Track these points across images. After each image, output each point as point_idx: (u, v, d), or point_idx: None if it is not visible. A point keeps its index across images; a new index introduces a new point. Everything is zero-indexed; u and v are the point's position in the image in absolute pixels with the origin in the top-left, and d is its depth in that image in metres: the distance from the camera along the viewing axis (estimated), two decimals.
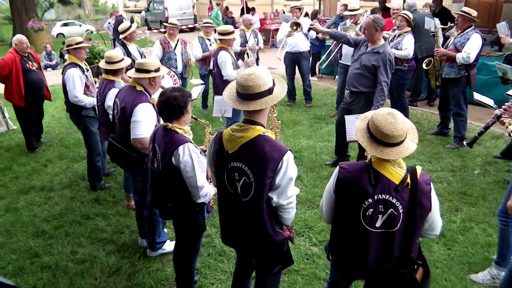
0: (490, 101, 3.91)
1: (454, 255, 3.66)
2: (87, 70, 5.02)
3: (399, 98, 6.66)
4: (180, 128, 2.80)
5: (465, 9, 5.68)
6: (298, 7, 7.87)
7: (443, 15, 8.10)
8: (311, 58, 9.83)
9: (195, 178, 2.72)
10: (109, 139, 3.58)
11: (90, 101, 4.79)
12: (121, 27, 6.11)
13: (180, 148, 2.70)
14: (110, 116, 3.89)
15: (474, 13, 5.54)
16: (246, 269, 2.86)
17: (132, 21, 23.84)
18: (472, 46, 5.45)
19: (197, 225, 2.93)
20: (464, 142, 3.43)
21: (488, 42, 8.01)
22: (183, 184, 2.78)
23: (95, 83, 5.01)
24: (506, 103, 3.02)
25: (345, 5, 9.07)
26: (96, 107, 4.59)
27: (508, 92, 4.13)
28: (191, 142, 2.78)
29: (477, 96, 4.07)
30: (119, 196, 4.97)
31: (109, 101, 3.97)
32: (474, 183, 4.84)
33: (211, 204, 3.13)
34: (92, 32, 16.43)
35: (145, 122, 3.31)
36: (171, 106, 2.73)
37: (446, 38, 6.52)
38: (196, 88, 5.03)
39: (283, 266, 2.58)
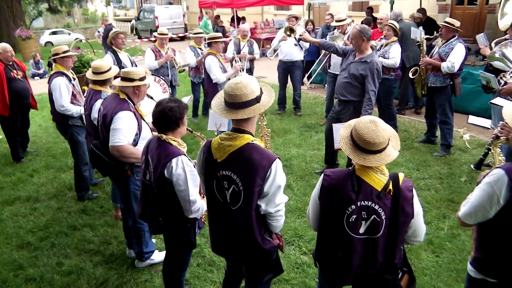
0: (486, 123, 3.88)
1: (442, 262, 3.69)
2: (74, 79, 4.99)
3: (387, 106, 6.73)
4: (174, 140, 2.75)
5: (448, 19, 5.79)
6: (295, 16, 7.89)
7: (429, 25, 8.25)
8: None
9: (187, 192, 2.67)
10: (90, 146, 3.56)
11: (77, 110, 4.75)
12: (110, 34, 6.10)
13: (174, 160, 2.65)
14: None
15: (457, 23, 5.66)
16: (236, 277, 2.86)
17: (132, 29, 23.82)
18: (456, 55, 5.55)
19: (187, 241, 2.88)
20: (472, 166, 3.43)
21: (473, 51, 8.17)
22: (175, 198, 2.73)
23: (84, 92, 4.98)
24: (501, 122, 3.02)
25: (331, 15, 9.17)
26: (83, 116, 4.55)
27: (492, 101, 4.20)
28: (185, 155, 2.74)
29: (472, 119, 3.98)
30: (107, 206, 4.91)
31: (95, 113, 3.93)
32: (461, 190, 4.89)
33: (202, 220, 3.08)
34: (81, 40, 16.39)
35: (124, 130, 3.28)
36: (167, 117, 2.70)
37: (432, 47, 6.63)
38: (184, 99, 5.02)
39: (273, 275, 2.58)
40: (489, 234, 2.17)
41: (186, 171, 2.66)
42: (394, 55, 6.33)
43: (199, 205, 2.76)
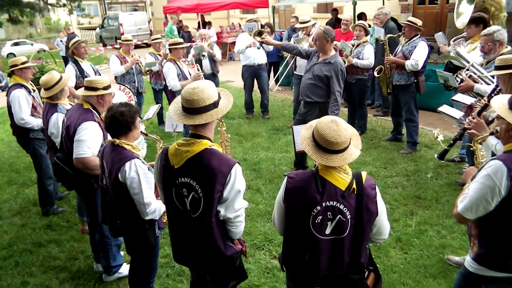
0: (457, 114, 3.89)
1: (411, 259, 3.74)
2: (34, 90, 4.81)
3: (360, 106, 6.85)
4: (128, 144, 2.77)
5: (411, 19, 5.94)
6: (254, 20, 7.92)
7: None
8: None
9: (141, 195, 2.69)
10: (53, 159, 3.45)
11: (37, 122, 4.58)
12: (70, 43, 5.93)
13: (127, 164, 2.67)
14: (56, 143, 3.75)
15: (419, 22, 5.81)
16: (201, 287, 2.80)
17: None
18: (419, 53, 5.68)
19: (147, 242, 2.86)
20: (436, 156, 3.48)
21: (435, 49, 8.37)
22: (130, 201, 2.74)
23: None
24: (469, 117, 3.10)
25: (296, 17, 9.25)
26: (43, 129, 4.40)
27: (453, 98, 4.31)
28: (138, 158, 2.76)
29: (444, 108, 3.95)
30: (73, 220, 4.76)
31: (52, 127, 3.79)
32: (427, 187, 4.99)
33: (163, 221, 3.07)
34: (44, 51, 15.90)
35: (88, 141, 3.20)
36: (118, 121, 2.71)
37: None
38: (153, 108, 4.95)
39: (237, 282, 2.56)
40: (493, 228, 2.17)
41: (139, 174, 2.68)
42: (368, 56, 6.46)
43: (155, 207, 2.78)
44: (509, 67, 3.00)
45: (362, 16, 9.66)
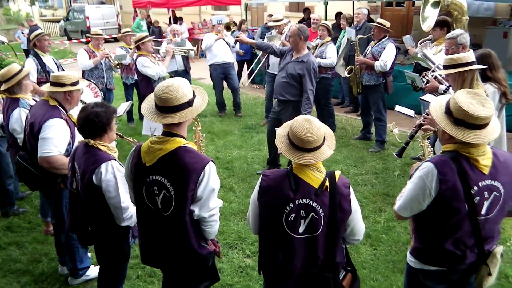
0: (410, 112, 4.13)
1: (380, 255, 3.81)
2: None
3: (326, 105, 6.91)
4: (103, 145, 2.62)
5: (380, 20, 6.05)
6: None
7: None
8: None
9: (118, 199, 2.56)
10: (16, 157, 3.27)
11: None
12: (32, 35, 5.66)
13: (103, 166, 2.54)
14: (19, 140, 3.57)
15: (388, 24, 5.93)
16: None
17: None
18: (387, 54, 5.81)
19: (120, 252, 2.75)
20: (394, 154, 3.58)
21: (402, 51, 8.61)
22: (104, 206, 2.60)
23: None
24: (424, 114, 3.21)
25: (271, 15, 9.27)
26: (3, 126, 4.18)
27: (421, 97, 4.43)
28: (115, 160, 2.63)
29: (398, 108, 4.25)
30: (35, 221, 4.55)
31: (14, 123, 3.61)
32: (395, 184, 5.11)
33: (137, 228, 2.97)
34: (3, 43, 15.17)
35: (54, 139, 3.05)
36: (92, 122, 2.56)
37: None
38: (123, 104, 4.79)
39: (209, 283, 2.52)
40: (425, 224, 2.25)
41: (116, 177, 2.56)
42: (331, 55, 6.52)
43: (132, 212, 2.65)
44: (456, 66, 3.14)
45: (339, 15, 9.76)
